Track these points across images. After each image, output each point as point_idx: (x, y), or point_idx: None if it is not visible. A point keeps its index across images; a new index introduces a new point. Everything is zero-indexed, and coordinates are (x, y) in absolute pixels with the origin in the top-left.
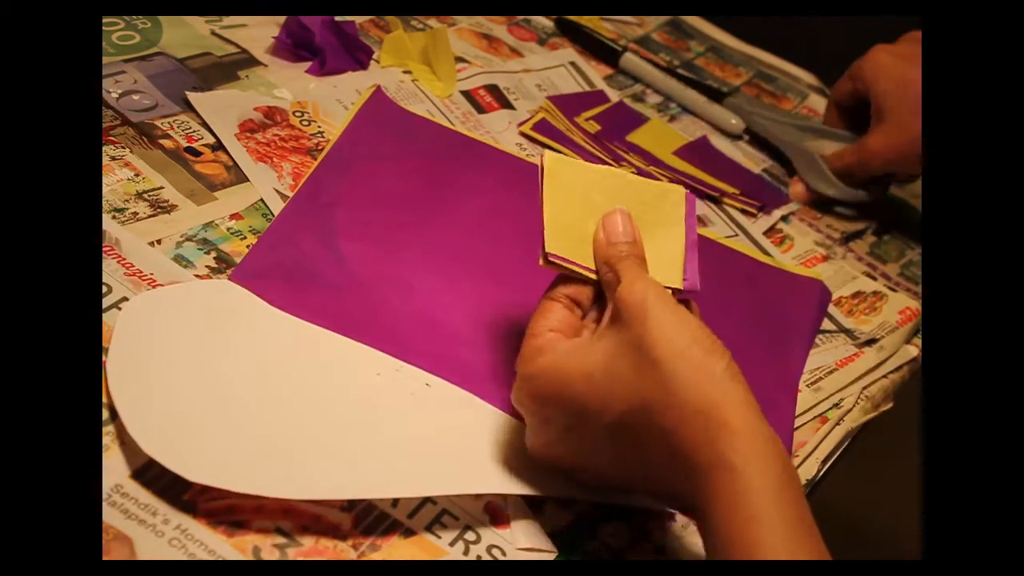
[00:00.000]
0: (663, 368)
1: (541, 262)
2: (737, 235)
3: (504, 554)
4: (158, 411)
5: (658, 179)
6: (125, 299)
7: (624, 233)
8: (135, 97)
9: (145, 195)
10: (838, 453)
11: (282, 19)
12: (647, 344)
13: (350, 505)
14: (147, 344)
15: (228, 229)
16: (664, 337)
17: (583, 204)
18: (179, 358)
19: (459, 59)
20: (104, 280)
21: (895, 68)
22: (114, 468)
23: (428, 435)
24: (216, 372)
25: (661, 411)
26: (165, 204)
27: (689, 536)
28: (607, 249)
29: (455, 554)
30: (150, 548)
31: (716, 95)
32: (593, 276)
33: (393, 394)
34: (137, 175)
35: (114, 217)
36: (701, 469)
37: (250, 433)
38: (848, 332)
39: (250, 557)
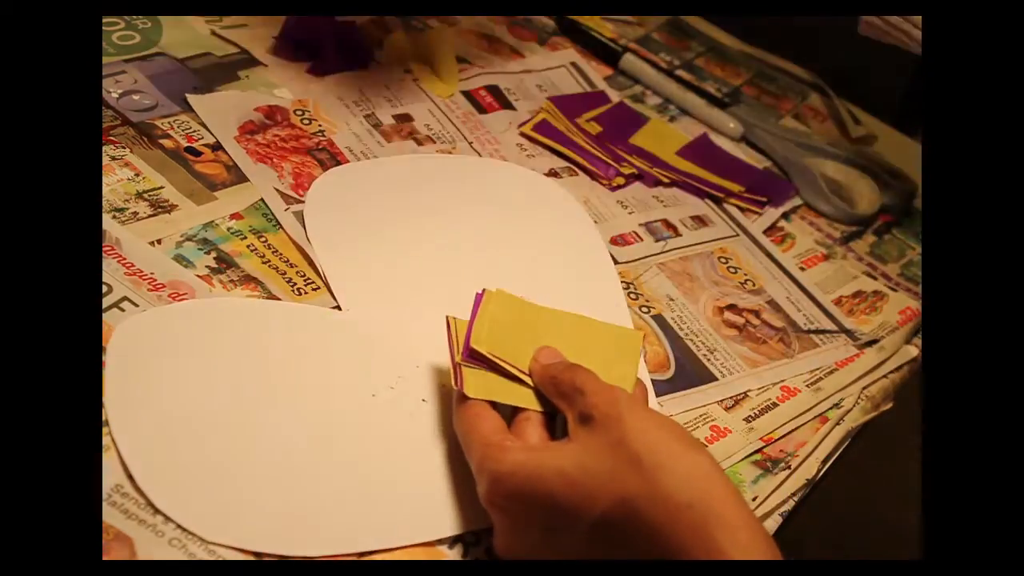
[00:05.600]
0: (645, 462)
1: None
2: (737, 235)
3: None
4: (161, 454)
5: (662, 180)
6: (125, 299)
7: (559, 354)
8: (135, 97)
9: (145, 195)
10: (838, 453)
11: (282, 19)
12: (626, 441)
13: None
14: (142, 374)
15: (228, 229)
16: (644, 435)
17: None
18: (175, 388)
19: (460, 59)
20: (104, 280)
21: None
22: (114, 468)
23: (427, 467)
24: (211, 405)
25: (646, 506)
26: (165, 204)
27: None
28: (552, 368)
29: (454, 556)
30: (150, 548)
31: (718, 103)
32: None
33: (391, 418)
34: (137, 175)
35: (114, 217)
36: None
37: (252, 483)
38: (849, 333)
39: (250, 557)
